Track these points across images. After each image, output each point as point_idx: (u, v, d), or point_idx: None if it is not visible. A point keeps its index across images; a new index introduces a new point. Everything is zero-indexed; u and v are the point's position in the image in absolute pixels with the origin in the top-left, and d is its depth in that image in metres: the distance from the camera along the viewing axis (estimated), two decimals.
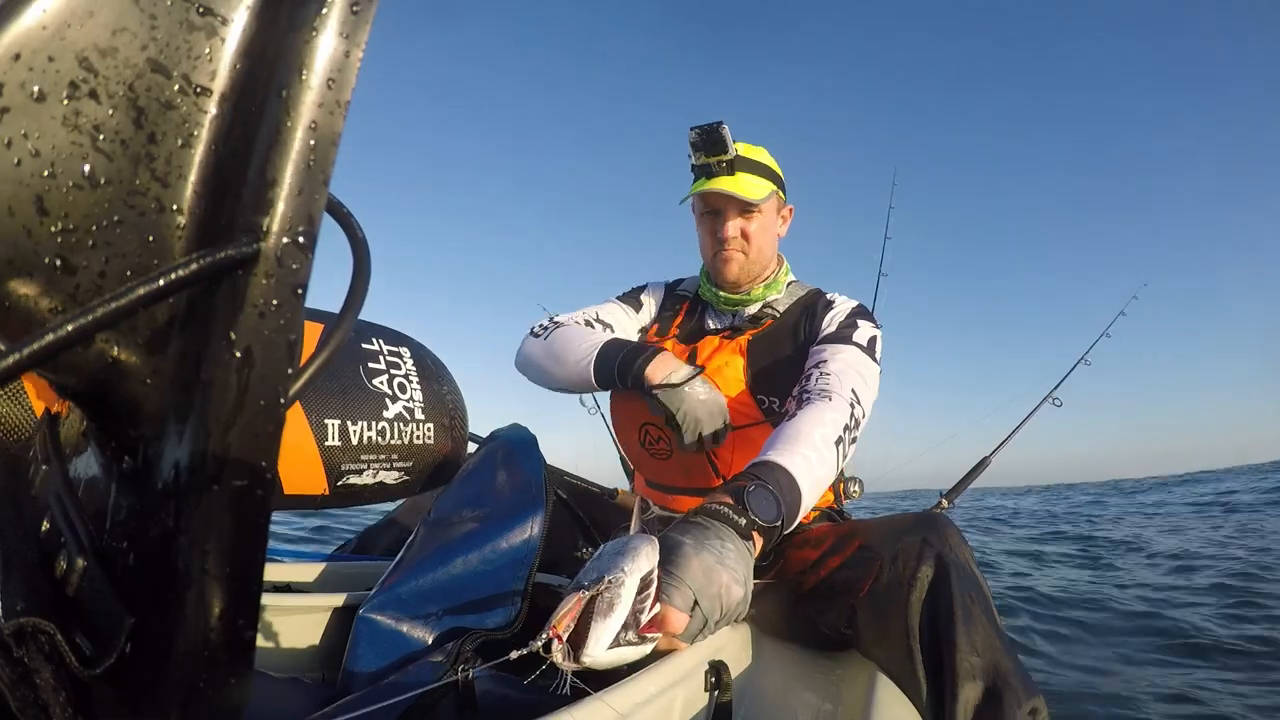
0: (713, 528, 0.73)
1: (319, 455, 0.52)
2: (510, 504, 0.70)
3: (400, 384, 0.58)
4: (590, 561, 0.63)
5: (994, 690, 0.71)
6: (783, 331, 1.18)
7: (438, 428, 0.58)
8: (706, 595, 0.67)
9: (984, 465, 1.94)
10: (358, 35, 0.24)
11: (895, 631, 0.79)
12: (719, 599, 0.68)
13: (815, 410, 0.93)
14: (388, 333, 0.62)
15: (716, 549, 0.71)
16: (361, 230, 0.34)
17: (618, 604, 0.55)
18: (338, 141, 0.23)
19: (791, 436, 0.88)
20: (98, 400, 0.27)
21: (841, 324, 1.14)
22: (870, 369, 1.06)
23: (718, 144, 1.10)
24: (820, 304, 1.19)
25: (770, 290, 1.22)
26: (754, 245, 1.18)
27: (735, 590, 0.70)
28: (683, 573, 0.67)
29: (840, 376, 1.00)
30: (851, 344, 1.08)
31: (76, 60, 0.23)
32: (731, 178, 1.13)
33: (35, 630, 0.32)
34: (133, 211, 0.24)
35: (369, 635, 0.63)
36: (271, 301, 0.23)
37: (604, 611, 0.54)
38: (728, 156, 1.11)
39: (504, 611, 0.66)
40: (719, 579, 0.68)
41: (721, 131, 1.10)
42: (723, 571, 0.69)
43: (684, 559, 0.68)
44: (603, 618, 0.54)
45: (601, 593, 0.55)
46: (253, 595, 0.26)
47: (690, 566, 0.67)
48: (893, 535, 0.87)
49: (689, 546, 0.69)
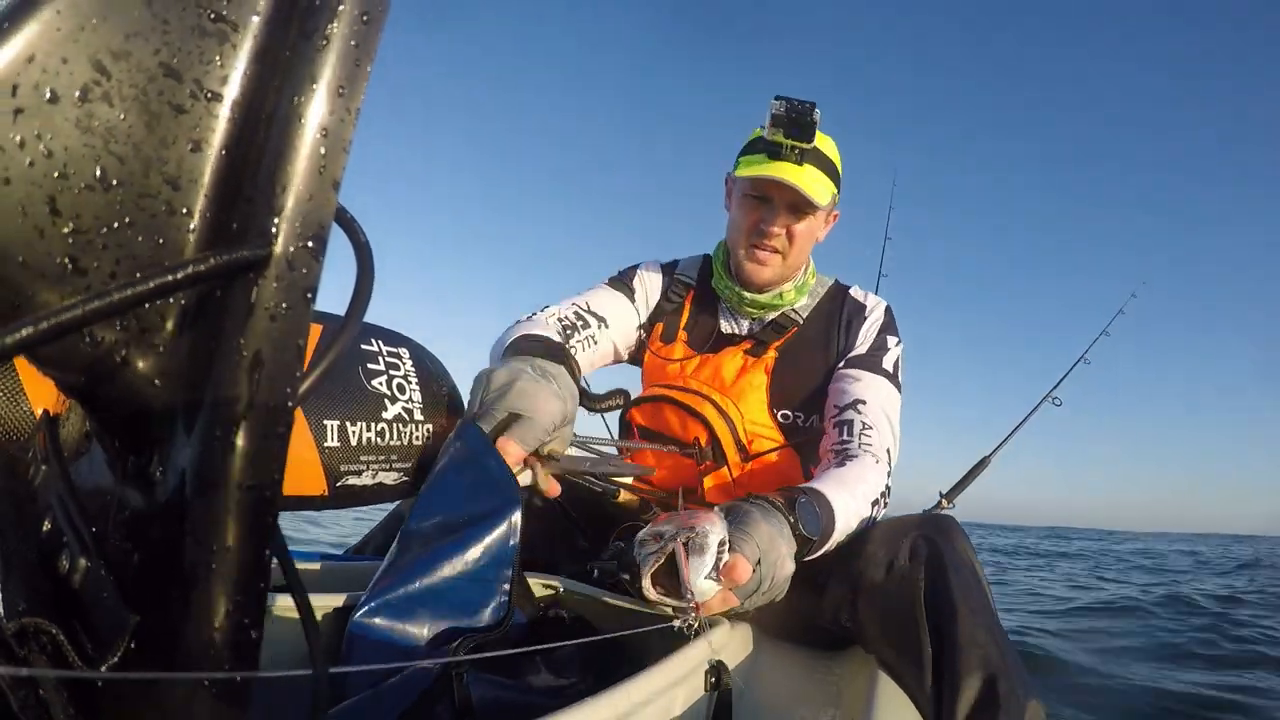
0: (772, 510, 0.77)
1: (318, 456, 0.52)
2: (484, 506, 0.70)
3: (399, 385, 0.58)
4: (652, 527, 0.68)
5: (994, 689, 0.72)
6: (809, 342, 1.12)
7: (437, 429, 0.59)
8: (768, 558, 0.70)
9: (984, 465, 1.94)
10: (368, 44, 0.24)
11: (898, 629, 0.80)
12: (775, 566, 0.71)
13: (863, 468, 0.95)
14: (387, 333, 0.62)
15: (778, 525, 0.75)
16: (365, 234, 0.35)
17: (708, 547, 0.62)
18: (348, 148, 0.24)
19: (841, 479, 0.91)
20: (106, 399, 0.28)
21: (874, 345, 1.10)
22: (897, 408, 1.07)
23: (804, 128, 0.97)
24: (851, 308, 1.13)
25: (800, 294, 1.14)
26: (796, 249, 1.08)
27: (788, 564, 0.74)
28: (752, 531, 0.70)
29: (879, 431, 1.01)
30: (882, 374, 1.06)
31: (90, 63, 0.23)
32: (800, 168, 1.00)
33: (37, 630, 0.32)
34: (144, 214, 0.25)
35: (363, 641, 0.63)
36: (282, 305, 0.23)
37: (697, 551, 0.61)
38: (808, 145, 0.99)
39: (493, 611, 0.66)
40: (779, 547, 0.72)
41: (813, 115, 0.96)
42: (782, 543, 0.73)
43: (753, 521, 0.72)
44: (698, 555, 0.61)
45: (692, 539, 0.62)
46: (258, 595, 0.26)
47: (760, 528, 0.71)
48: (895, 533, 0.88)
49: (757, 513, 0.73)
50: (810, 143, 0.99)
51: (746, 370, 1.12)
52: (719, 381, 1.12)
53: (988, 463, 1.95)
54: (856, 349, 1.10)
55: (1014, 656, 0.76)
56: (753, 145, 1.07)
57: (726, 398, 1.09)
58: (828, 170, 1.06)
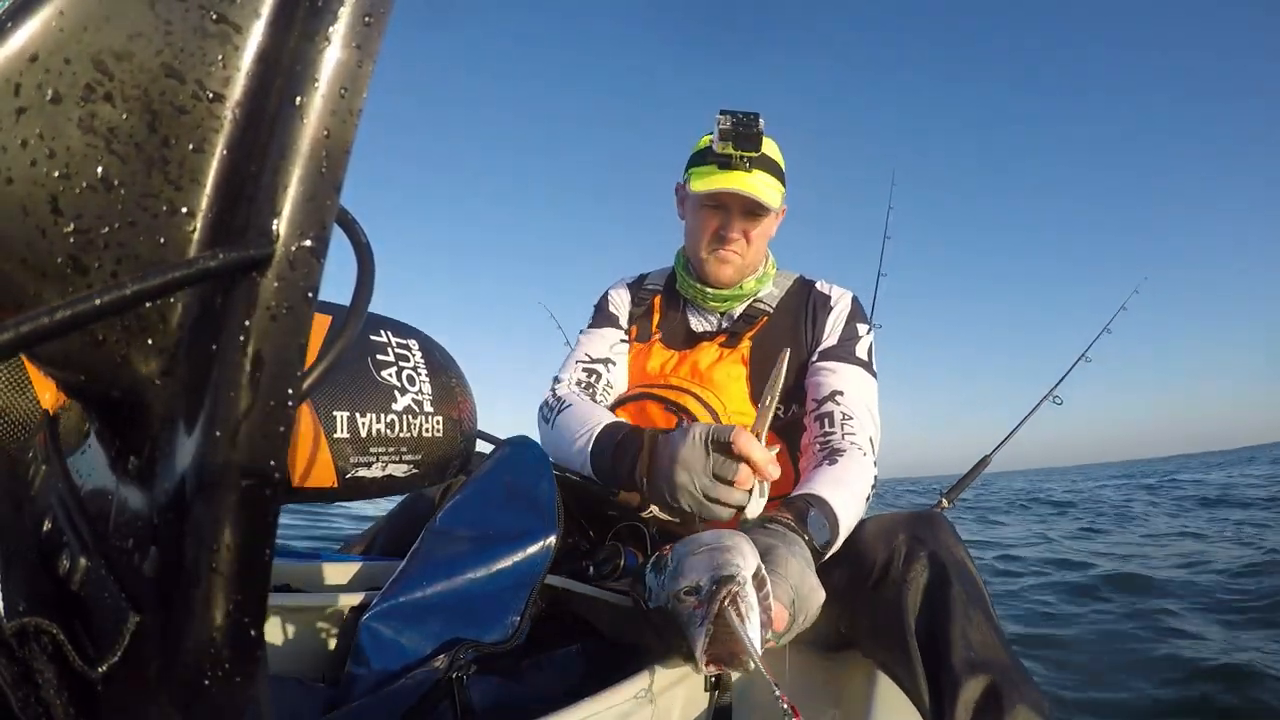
0: (791, 537, 0.75)
1: (328, 448, 0.51)
2: (519, 525, 0.70)
3: (409, 376, 0.57)
4: (680, 562, 0.61)
5: (994, 689, 0.72)
6: (781, 332, 1.15)
7: (447, 420, 0.58)
8: (800, 595, 0.68)
9: (984, 464, 1.94)
10: (370, 45, 0.24)
11: (892, 631, 0.80)
12: (807, 600, 0.69)
13: (852, 462, 0.95)
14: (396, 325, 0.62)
15: (802, 554, 0.72)
16: (365, 235, 0.35)
17: (752, 606, 0.55)
18: (350, 149, 0.24)
19: (837, 480, 0.90)
20: (106, 399, 0.28)
21: (844, 334, 1.12)
22: (875, 395, 1.08)
23: (751, 140, 1.01)
24: (816, 300, 1.17)
25: (760, 284, 1.18)
26: (754, 248, 1.14)
27: (819, 593, 0.71)
28: (784, 569, 0.67)
29: (861, 422, 1.02)
30: (856, 363, 1.09)
31: (93, 63, 0.23)
32: (749, 175, 1.05)
33: (38, 630, 0.32)
34: (145, 214, 0.25)
35: (372, 644, 0.63)
36: (284, 305, 0.23)
37: (745, 614, 0.54)
38: (755, 154, 1.03)
39: (504, 629, 0.66)
40: (809, 580, 0.70)
41: (758, 126, 1.00)
42: (810, 574, 0.71)
43: (781, 559, 0.69)
44: (746, 621, 0.54)
45: (735, 596, 0.54)
46: (260, 595, 0.26)
47: (790, 565, 0.68)
48: (886, 534, 0.88)
49: (783, 549, 0.71)
50: (758, 152, 1.03)
51: (723, 360, 1.14)
52: (698, 375, 1.15)
53: (988, 462, 1.95)
54: (826, 340, 1.12)
55: (1013, 654, 0.76)
56: (702, 156, 1.11)
57: (708, 389, 1.11)
58: (775, 173, 1.10)
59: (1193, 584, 3.06)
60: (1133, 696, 1.84)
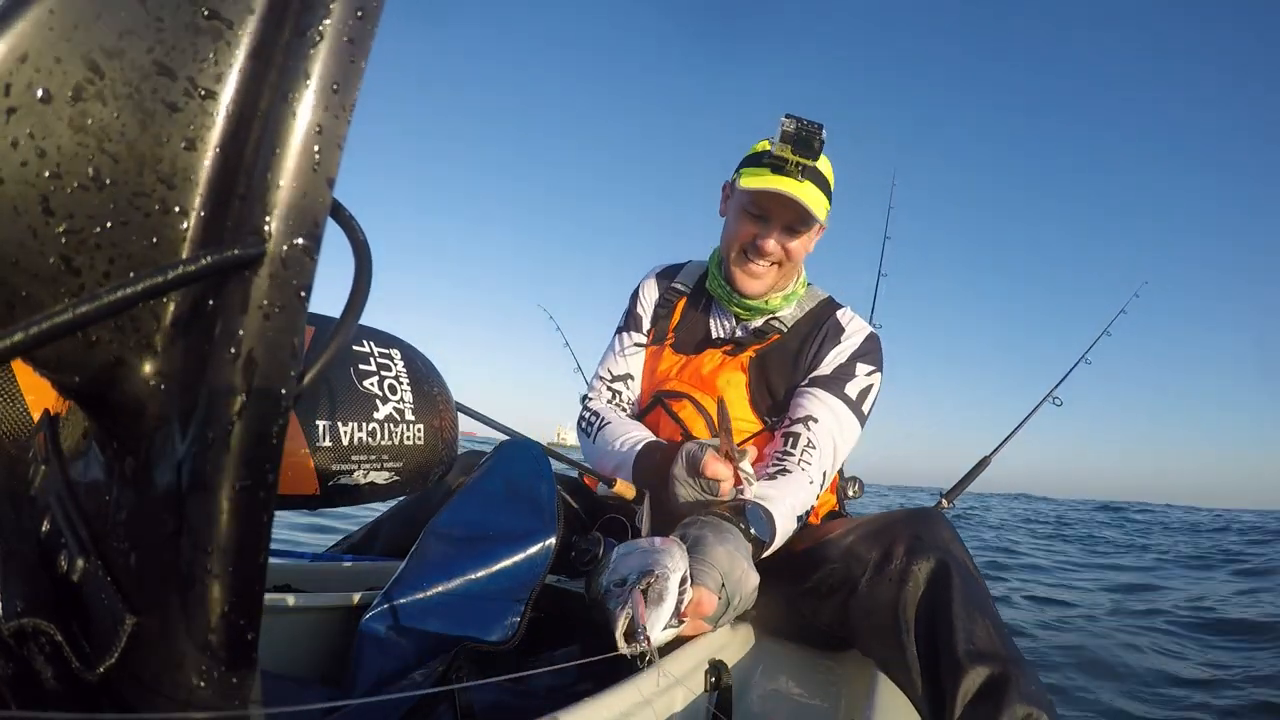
0: (724, 525, 0.80)
1: (310, 456, 0.52)
2: (520, 526, 0.71)
3: (391, 385, 0.58)
4: (616, 561, 0.69)
5: (995, 680, 0.71)
6: (787, 352, 1.15)
7: (428, 429, 0.59)
8: (730, 579, 0.72)
9: (984, 465, 1.93)
10: (362, 41, 0.24)
11: (888, 629, 0.80)
12: (740, 583, 0.73)
13: (795, 485, 0.98)
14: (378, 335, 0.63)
15: (733, 541, 0.77)
16: (363, 233, 0.35)
17: (667, 595, 0.62)
18: (342, 145, 0.24)
19: (779, 490, 0.95)
20: (102, 400, 0.27)
21: (840, 366, 1.11)
22: (850, 435, 1.09)
23: (810, 148, 1.01)
24: (830, 328, 1.15)
25: (786, 303, 1.17)
26: (788, 264, 1.13)
27: (752, 576, 0.76)
28: (711, 559, 0.72)
29: (820, 452, 1.03)
30: (842, 399, 1.09)
31: (84, 62, 0.23)
32: (801, 184, 1.04)
33: (36, 630, 0.32)
34: (138, 213, 0.24)
35: (372, 644, 0.63)
36: (276, 304, 0.23)
37: (655, 601, 0.61)
38: (812, 163, 1.03)
39: (503, 629, 0.67)
40: (739, 565, 0.74)
41: (821, 136, 1.00)
42: (741, 558, 0.75)
43: (709, 547, 0.74)
44: (655, 606, 0.61)
45: (651, 585, 0.63)
46: (255, 596, 0.26)
47: (716, 553, 0.73)
48: (883, 532, 0.88)
49: (712, 537, 0.76)
50: (815, 161, 1.03)
51: (724, 367, 1.16)
52: (699, 380, 1.17)
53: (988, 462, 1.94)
54: (820, 369, 1.12)
55: (1015, 648, 0.76)
56: (756, 158, 1.10)
57: (706, 395, 1.14)
58: (824, 188, 1.10)
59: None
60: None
